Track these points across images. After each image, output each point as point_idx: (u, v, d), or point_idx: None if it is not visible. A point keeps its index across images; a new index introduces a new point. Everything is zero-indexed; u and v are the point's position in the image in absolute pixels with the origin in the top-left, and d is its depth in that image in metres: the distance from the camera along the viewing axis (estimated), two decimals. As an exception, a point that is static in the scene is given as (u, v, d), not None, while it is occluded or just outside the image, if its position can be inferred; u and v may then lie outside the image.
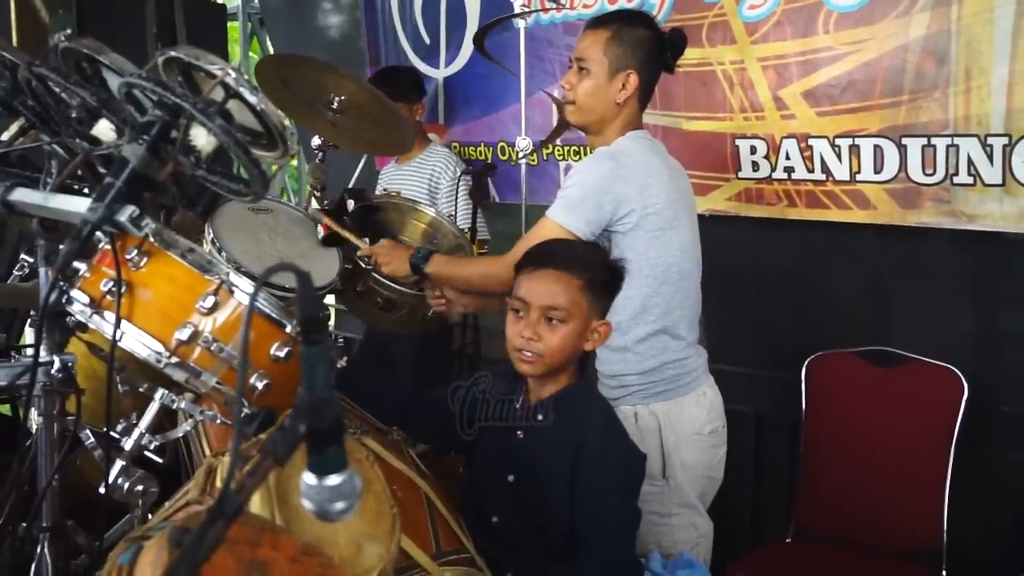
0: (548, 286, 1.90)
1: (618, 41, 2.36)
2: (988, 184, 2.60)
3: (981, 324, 2.90)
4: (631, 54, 2.35)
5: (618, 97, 2.36)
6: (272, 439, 0.97)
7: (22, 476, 1.71)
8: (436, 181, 3.76)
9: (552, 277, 1.90)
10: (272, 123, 1.36)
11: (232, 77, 1.28)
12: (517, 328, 1.92)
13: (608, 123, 2.41)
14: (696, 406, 2.39)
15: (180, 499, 1.55)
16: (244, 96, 1.30)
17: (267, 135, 1.40)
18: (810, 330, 3.18)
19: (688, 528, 2.37)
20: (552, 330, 1.90)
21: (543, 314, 1.89)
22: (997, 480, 2.83)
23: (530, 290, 1.91)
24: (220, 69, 1.29)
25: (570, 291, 1.90)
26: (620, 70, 2.35)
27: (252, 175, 1.34)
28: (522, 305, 1.92)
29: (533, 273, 1.92)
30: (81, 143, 1.53)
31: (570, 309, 1.90)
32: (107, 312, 1.55)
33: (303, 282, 0.94)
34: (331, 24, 4.98)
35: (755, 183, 3.11)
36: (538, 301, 1.90)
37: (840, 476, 2.93)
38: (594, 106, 2.41)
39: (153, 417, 1.71)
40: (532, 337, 1.89)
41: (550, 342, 1.90)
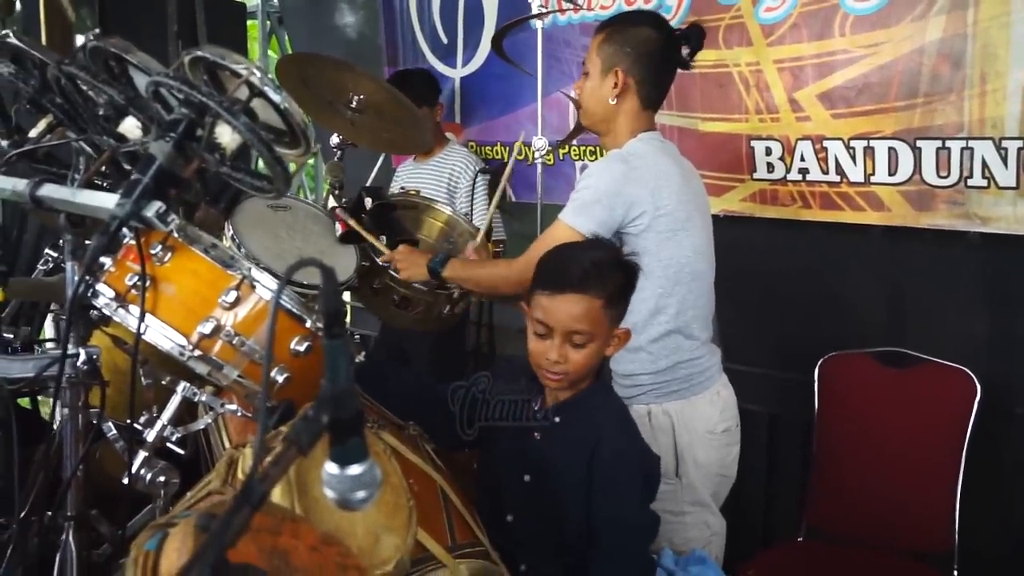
0: (570, 310, 1.88)
1: (609, 41, 2.39)
2: (1002, 187, 2.61)
3: (994, 326, 2.90)
4: (620, 52, 2.36)
5: (611, 96, 2.38)
6: (296, 429, 0.99)
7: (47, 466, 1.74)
8: (455, 180, 3.79)
9: (573, 301, 1.88)
10: (295, 122, 1.39)
11: (257, 77, 1.31)
12: (541, 348, 1.91)
13: (611, 123, 2.43)
14: (710, 405, 2.41)
15: (202, 489, 1.58)
16: (268, 95, 1.33)
17: (290, 133, 1.43)
18: (823, 331, 3.19)
19: (701, 526, 2.39)
20: (577, 350, 1.89)
21: (567, 338, 1.89)
22: (1009, 482, 2.84)
23: (552, 315, 1.89)
24: (245, 68, 1.32)
25: (592, 312, 1.88)
26: (610, 68, 2.37)
27: (275, 172, 1.37)
28: (544, 328, 1.90)
29: (553, 297, 1.89)
30: (108, 140, 1.56)
31: (594, 330, 1.90)
32: (132, 306, 1.59)
33: (327, 277, 0.97)
34: (349, 23, 5.02)
35: (770, 184, 3.13)
36: (561, 327, 1.88)
37: (852, 476, 2.94)
38: (592, 107, 2.45)
39: (175, 409, 1.75)
40: (559, 360, 1.89)
41: (576, 361, 1.90)
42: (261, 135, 1.30)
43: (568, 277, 1.89)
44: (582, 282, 1.88)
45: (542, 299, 1.90)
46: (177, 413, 1.76)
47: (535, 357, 1.93)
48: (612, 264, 1.97)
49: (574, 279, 1.89)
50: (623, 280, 1.97)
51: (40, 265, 2.37)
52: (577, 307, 1.87)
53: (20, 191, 1.56)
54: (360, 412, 1.04)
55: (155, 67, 1.49)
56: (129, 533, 1.88)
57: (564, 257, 2.00)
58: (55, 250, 2.37)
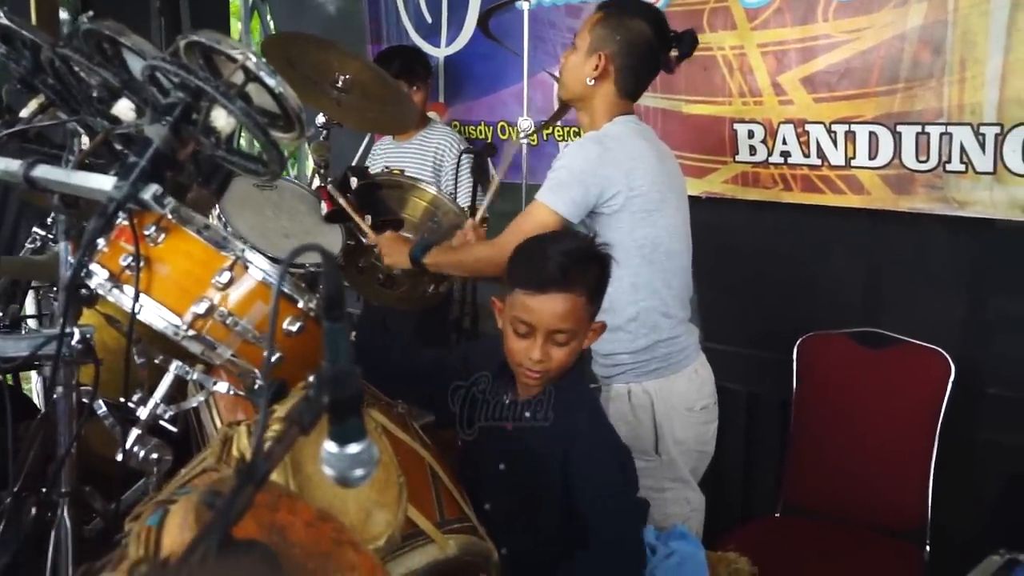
0: (554, 309, 1.84)
1: (604, 23, 2.41)
2: (980, 172, 2.66)
3: (969, 308, 2.97)
4: (610, 37, 2.39)
5: (589, 76, 2.40)
6: (297, 409, 1.02)
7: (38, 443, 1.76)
8: (440, 159, 3.80)
9: (557, 300, 1.84)
10: (290, 106, 1.41)
11: (252, 61, 1.33)
12: (521, 346, 1.88)
13: (587, 103, 2.46)
14: (688, 383, 2.46)
15: (197, 466, 1.61)
16: (263, 79, 1.35)
17: (284, 117, 1.45)
18: (802, 311, 3.24)
19: (681, 502, 2.44)
20: (560, 348, 1.88)
21: (549, 336, 1.86)
22: (980, 460, 2.90)
23: (535, 314, 1.85)
24: (241, 53, 1.33)
25: (576, 310, 1.86)
26: (596, 50, 2.40)
27: (270, 155, 1.39)
28: (526, 327, 1.86)
29: (536, 296, 1.85)
30: (102, 122, 1.58)
31: (577, 328, 1.89)
32: (126, 286, 1.61)
33: (327, 261, 1.00)
34: (332, 0, 5.00)
35: (752, 167, 3.17)
36: (544, 326, 1.85)
37: (828, 454, 3.00)
38: (570, 82, 2.47)
39: (168, 388, 1.77)
40: (542, 359, 1.86)
41: (559, 359, 1.88)
42: (257, 119, 1.32)
43: (549, 274, 1.85)
44: (564, 279, 1.85)
45: (524, 298, 1.86)
46: (170, 391, 1.78)
47: (516, 356, 1.90)
48: (588, 256, 1.95)
49: (556, 276, 1.85)
50: (599, 272, 1.96)
51: (28, 243, 2.38)
52: (561, 306, 1.84)
53: (14, 171, 1.57)
54: (359, 392, 1.08)
55: (149, 50, 1.50)
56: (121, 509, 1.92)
57: (539, 252, 1.94)
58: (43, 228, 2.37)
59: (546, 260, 1.88)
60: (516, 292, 1.88)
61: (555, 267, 1.86)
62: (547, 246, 1.96)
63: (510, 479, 1.98)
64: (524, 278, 1.88)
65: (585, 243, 2.03)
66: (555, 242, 2.01)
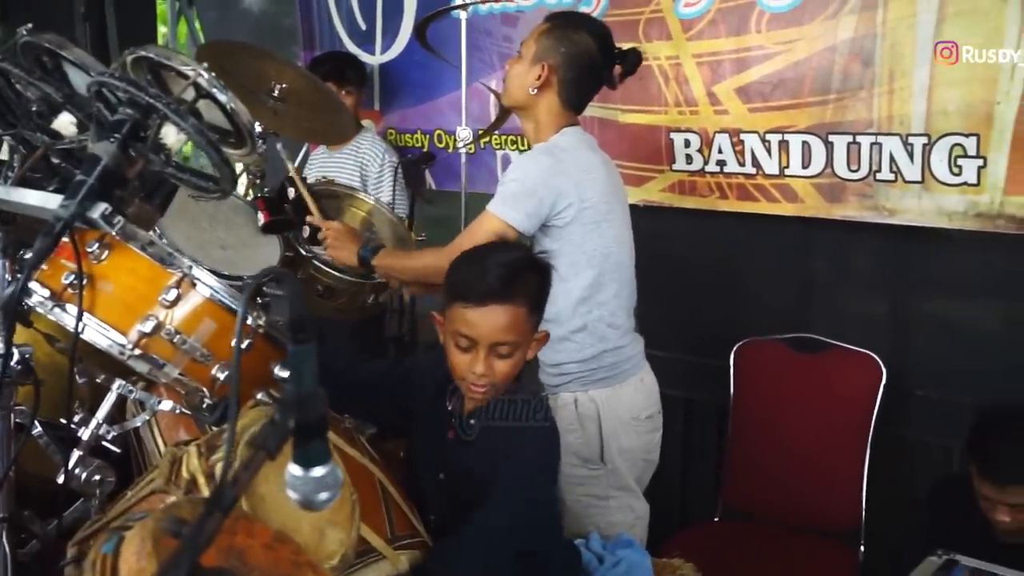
0: (496, 321, 1.82)
1: (550, 34, 2.42)
2: (908, 181, 2.73)
3: (898, 312, 3.05)
4: (555, 49, 2.40)
5: (532, 85, 2.41)
6: (263, 433, 1.01)
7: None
8: (366, 168, 3.76)
9: (498, 313, 1.82)
10: (242, 122, 1.39)
11: (205, 78, 1.31)
12: (465, 362, 1.85)
13: (530, 112, 2.47)
14: (634, 392, 2.48)
15: (143, 488, 1.57)
16: (216, 96, 1.33)
17: (235, 133, 1.43)
18: (738, 317, 3.30)
19: (625, 510, 2.47)
20: (503, 361, 1.86)
21: (492, 350, 1.84)
22: (910, 460, 2.99)
23: (476, 328, 1.82)
24: (192, 70, 1.31)
25: (518, 323, 1.85)
26: (540, 60, 2.40)
27: (223, 173, 1.36)
28: (468, 342, 1.84)
29: (476, 309, 1.82)
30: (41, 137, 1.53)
31: (520, 340, 1.87)
32: (68, 304, 1.57)
33: (292, 286, 0.98)
34: (261, 5, 4.93)
35: (688, 175, 3.21)
36: (486, 339, 1.82)
37: (766, 458, 3.06)
38: (513, 90, 2.48)
39: (110, 408, 1.73)
40: (485, 372, 1.84)
41: (502, 371, 1.86)
42: (210, 136, 1.29)
43: (489, 287, 1.83)
44: (505, 291, 1.83)
45: (464, 312, 1.83)
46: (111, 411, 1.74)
47: (459, 371, 1.87)
48: (527, 266, 1.94)
49: (496, 288, 1.82)
50: (540, 281, 1.95)
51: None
52: (503, 318, 1.82)
53: (-54, 188, 1.52)
54: (324, 415, 1.06)
55: (92, 64, 1.46)
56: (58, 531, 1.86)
57: (477, 264, 1.91)
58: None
59: (485, 272, 1.86)
60: (455, 306, 1.85)
61: (494, 279, 1.84)
62: (485, 257, 1.94)
63: (450, 490, 1.96)
64: (463, 291, 1.86)
65: (523, 253, 2.02)
66: (493, 253, 1.98)
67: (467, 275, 1.90)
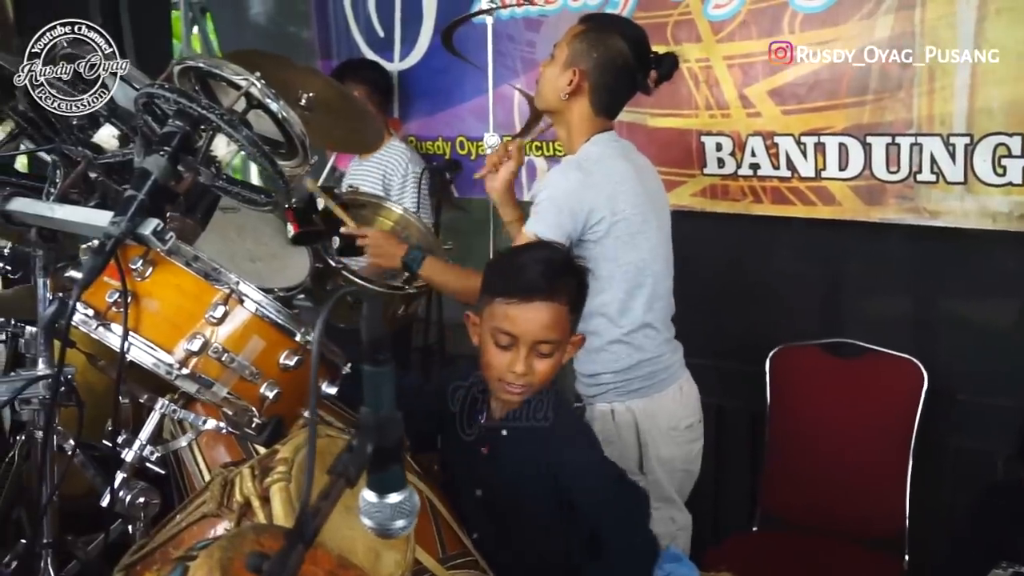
0: (539, 319, 1.80)
1: (583, 38, 2.38)
2: (950, 182, 2.68)
3: (940, 316, 3.01)
4: (587, 54, 2.35)
5: (563, 91, 2.37)
6: (342, 460, 0.96)
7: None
8: (389, 176, 3.71)
9: (541, 310, 1.80)
10: (294, 132, 1.34)
11: (257, 87, 1.26)
12: (504, 360, 1.81)
13: (563, 117, 2.43)
14: (672, 401, 2.44)
15: (193, 512, 1.52)
16: (268, 106, 1.28)
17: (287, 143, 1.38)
18: (774, 323, 3.24)
19: (667, 522, 2.42)
20: (543, 360, 1.83)
21: (533, 348, 1.81)
22: (956, 467, 2.93)
23: (519, 324, 1.80)
24: (244, 79, 1.26)
25: (560, 321, 1.83)
26: (571, 64, 2.37)
27: (276, 185, 1.32)
28: (509, 339, 1.81)
29: (520, 305, 1.80)
30: (83, 151, 1.49)
31: (562, 338, 1.85)
32: (113, 324, 1.52)
33: (371, 305, 0.94)
34: (277, 15, 4.89)
35: (720, 179, 3.16)
36: (530, 337, 1.80)
37: (805, 466, 3.00)
38: (545, 93, 2.45)
39: (154, 428, 1.68)
40: (525, 371, 1.81)
41: (541, 372, 1.83)
42: (264, 148, 1.25)
43: (533, 282, 1.81)
44: (549, 287, 1.81)
45: (506, 308, 1.81)
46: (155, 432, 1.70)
47: (496, 370, 1.84)
48: (567, 264, 1.93)
49: (540, 285, 1.81)
50: (579, 281, 1.93)
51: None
52: (547, 315, 1.80)
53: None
54: (401, 440, 1.02)
55: (135, 76, 1.42)
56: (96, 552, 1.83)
57: (517, 261, 1.92)
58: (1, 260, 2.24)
59: (526, 268, 1.85)
60: (496, 302, 1.83)
61: (538, 275, 1.82)
62: (524, 255, 1.95)
63: (489, 506, 1.93)
64: (505, 287, 1.84)
65: (562, 253, 2.00)
66: (532, 251, 2.01)
67: (508, 271, 1.89)
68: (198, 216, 1.54)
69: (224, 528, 1.44)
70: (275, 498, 1.39)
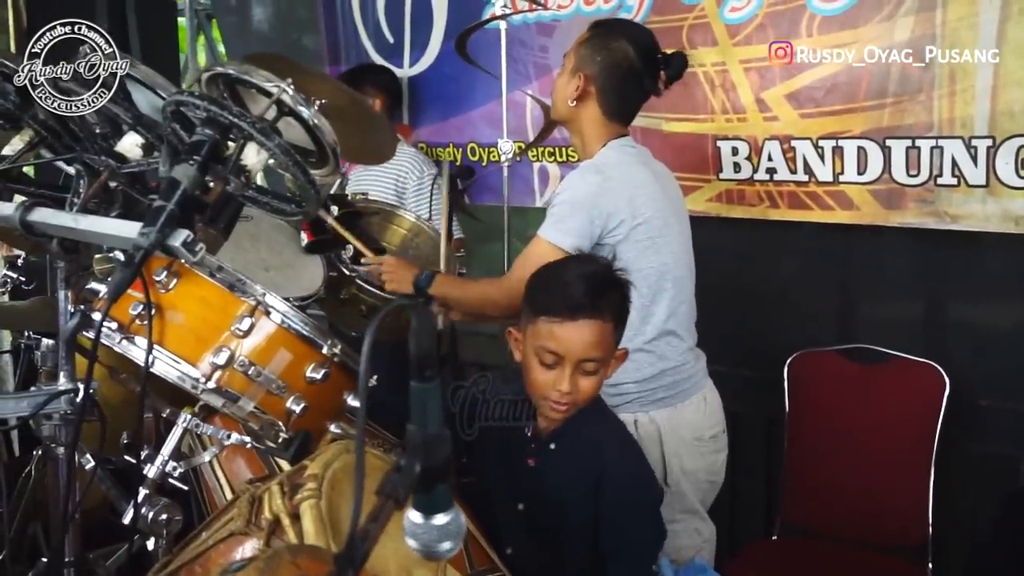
0: (584, 337, 1.77)
1: (587, 44, 2.37)
2: (972, 185, 2.65)
3: (961, 321, 2.98)
4: (591, 59, 2.34)
5: (570, 97, 2.36)
6: (390, 480, 0.93)
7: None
8: (403, 182, 3.68)
9: (588, 328, 1.77)
10: (326, 140, 1.31)
11: (289, 94, 1.23)
12: (548, 379, 1.79)
13: (575, 125, 2.42)
14: (696, 411, 2.40)
15: (220, 529, 1.48)
16: (300, 113, 1.25)
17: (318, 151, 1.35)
18: (792, 329, 3.21)
19: (691, 533, 2.39)
20: (588, 378, 1.81)
21: (578, 366, 1.79)
22: (978, 473, 2.89)
23: (564, 343, 1.77)
24: (276, 86, 1.23)
25: (605, 338, 1.80)
26: (577, 70, 2.36)
27: (308, 195, 1.28)
28: (553, 358, 1.78)
29: (565, 324, 1.77)
30: (106, 160, 1.46)
31: (607, 356, 1.82)
32: (137, 337, 1.49)
33: (422, 318, 0.90)
34: (283, 21, 4.86)
35: (737, 184, 3.13)
36: (575, 355, 1.77)
37: (825, 473, 2.97)
38: (556, 103, 2.45)
39: (177, 443, 1.65)
40: (571, 391, 1.78)
41: (586, 390, 1.81)
42: (296, 157, 1.21)
43: (578, 301, 1.78)
44: (594, 305, 1.78)
45: (552, 327, 1.78)
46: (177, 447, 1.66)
47: (541, 389, 1.81)
48: (610, 280, 1.89)
49: (585, 303, 1.78)
50: (622, 295, 1.90)
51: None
52: (592, 333, 1.78)
53: (7, 216, 1.44)
54: (449, 459, 0.98)
55: (161, 83, 1.39)
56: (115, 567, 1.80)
57: (561, 278, 1.88)
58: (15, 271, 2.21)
59: (570, 285, 1.82)
60: (540, 321, 1.80)
61: (582, 293, 1.80)
62: (567, 271, 1.91)
63: (531, 520, 1.90)
64: (549, 305, 1.81)
65: (603, 266, 1.98)
66: (574, 266, 1.97)
67: (552, 288, 1.86)
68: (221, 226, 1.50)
69: (252, 546, 1.41)
70: (306, 516, 1.36)
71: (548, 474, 1.89)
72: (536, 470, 1.91)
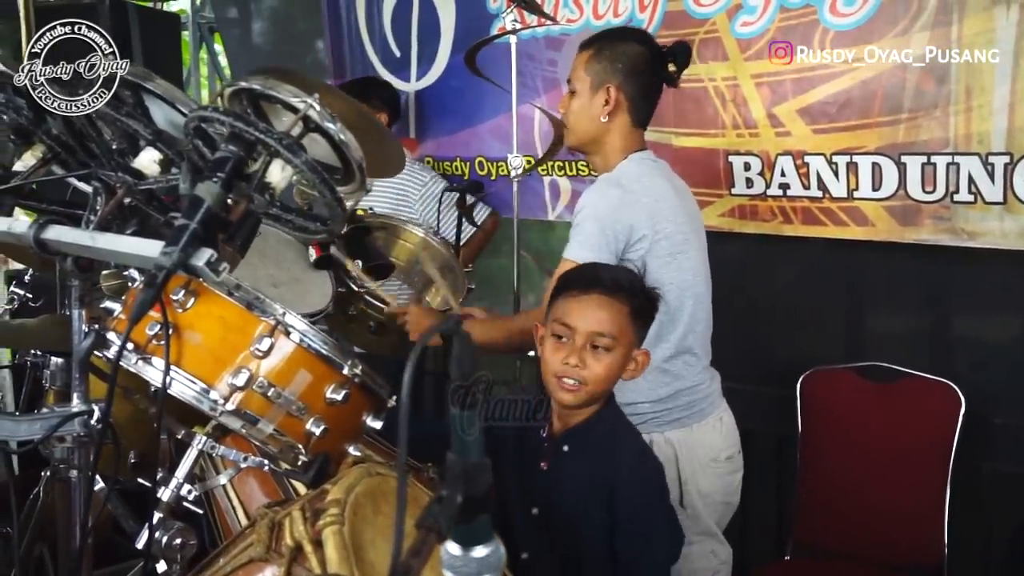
0: (596, 311, 1.81)
1: (599, 57, 2.34)
2: (989, 202, 2.62)
3: (976, 339, 2.95)
4: (611, 68, 2.32)
5: (602, 113, 2.33)
6: (431, 512, 0.89)
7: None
8: (406, 193, 3.65)
9: (599, 302, 1.82)
10: (352, 156, 1.28)
11: (316, 110, 1.20)
12: (559, 354, 1.82)
13: (602, 143, 2.38)
14: (712, 432, 2.37)
15: (239, 555, 1.45)
16: (327, 129, 1.22)
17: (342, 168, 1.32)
18: (805, 346, 3.19)
19: (707, 556, 2.36)
20: (597, 358, 1.82)
21: (589, 341, 1.81)
22: (995, 492, 2.86)
23: (576, 315, 1.82)
24: (302, 102, 1.20)
25: (618, 317, 1.82)
26: (601, 85, 2.33)
27: (334, 213, 1.25)
28: (566, 331, 1.82)
29: (580, 297, 1.83)
30: (123, 176, 1.42)
31: (618, 336, 1.83)
32: (154, 357, 1.45)
33: (462, 342, 0.87)
34: (288, 35, 4.84)
35: (749, 199, 3.10)
36: (585, 327, 1.81)
37: (839, 493, 2.93)
38: (584, 126, 2.39)
39: (191, 465, 1.61)
40: (577, 364, 1.80)
41: (595, 371, 1.82)
42: (323, 174, 1.18)
43: (596, 279, 1.86)
44: (612, 285, 1.84)
45: (566, 302, 1.85)
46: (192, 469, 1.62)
47: (551, 364, 1.84)
48: (638, 283, 1.93)
49: (601, 279, 1.85)
50: (646, 300, 1.92)
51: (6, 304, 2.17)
52: (604, 310, 1.82)
53: (21, 233, 1.40)
54: (490, 489, 0.95)
55: (180, 98, 1.36)
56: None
57: (591, 267, 2.00)
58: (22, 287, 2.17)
59: (594, 271, 1.93)
60: (558, 300, 1.87)
61: (604, 275, 1.89)
62: (600, 265, 2.03)
63: (545, 525, 1.88)
64: (568, 285, 1.88)
65: (636, 275, 2.00)
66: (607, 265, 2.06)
67: (577, 274, 1.97)
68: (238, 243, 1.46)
69: (273, 573, 1.37)
70: (328, 542, 1.32)
71: (560, 478, 1.88)
72: (548, 474, 1.90)
